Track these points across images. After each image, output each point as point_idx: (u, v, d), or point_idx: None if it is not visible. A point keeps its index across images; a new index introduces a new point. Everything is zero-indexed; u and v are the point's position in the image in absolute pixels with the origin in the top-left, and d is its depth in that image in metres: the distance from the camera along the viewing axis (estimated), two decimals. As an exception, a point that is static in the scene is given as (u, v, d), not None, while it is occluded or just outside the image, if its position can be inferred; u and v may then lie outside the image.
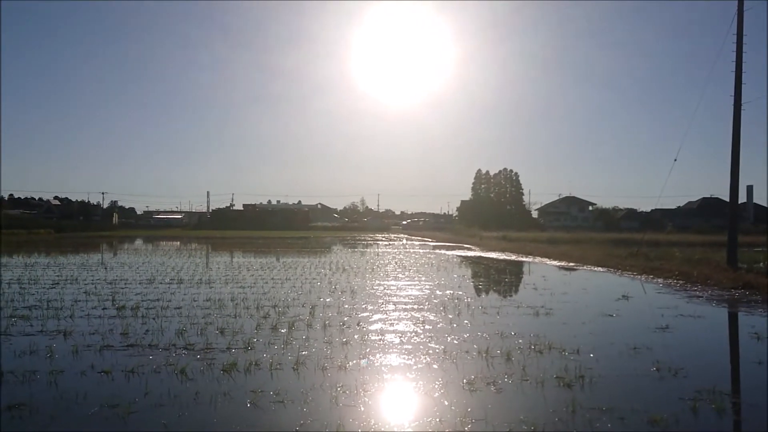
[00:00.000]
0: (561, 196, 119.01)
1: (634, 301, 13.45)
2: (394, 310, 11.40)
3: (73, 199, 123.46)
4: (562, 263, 25.92)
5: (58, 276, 17.53)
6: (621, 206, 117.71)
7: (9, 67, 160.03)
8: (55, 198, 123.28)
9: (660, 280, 18.02)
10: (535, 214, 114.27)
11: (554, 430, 5.07)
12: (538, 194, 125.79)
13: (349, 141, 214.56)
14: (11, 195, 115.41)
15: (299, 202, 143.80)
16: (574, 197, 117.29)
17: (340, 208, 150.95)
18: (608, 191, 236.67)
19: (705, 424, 5.38)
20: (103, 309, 11.16)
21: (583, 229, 74.29)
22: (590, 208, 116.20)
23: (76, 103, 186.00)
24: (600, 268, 22.66)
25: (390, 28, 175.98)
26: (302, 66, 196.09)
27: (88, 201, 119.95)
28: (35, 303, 11.79)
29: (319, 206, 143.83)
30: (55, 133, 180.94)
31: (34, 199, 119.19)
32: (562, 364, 7.19)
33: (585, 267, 23.65)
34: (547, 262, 26.56)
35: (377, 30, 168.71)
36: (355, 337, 8.77)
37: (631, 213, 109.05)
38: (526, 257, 30.07)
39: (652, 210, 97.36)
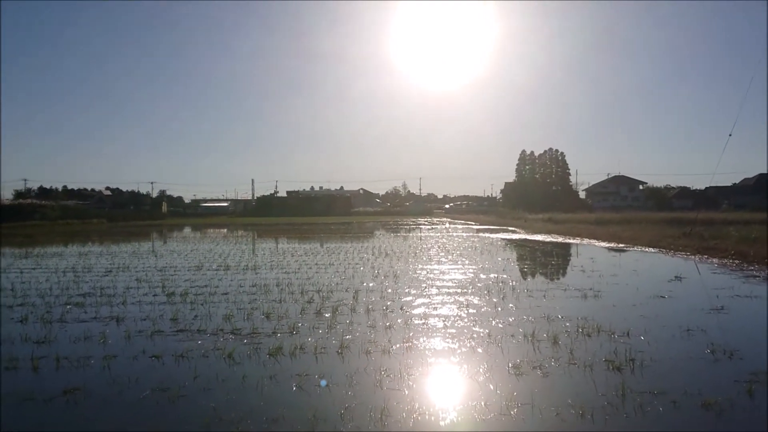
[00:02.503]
0: (610, 176, 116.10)
1: (687, 282, 13.01)
2: (437, 294, 11.34)
3: (124, 189, 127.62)
4: (612, 244, 25.29)
5: (110, 264, 18.14)
6: (673, 184, 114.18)
7: (59, 64, 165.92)
8: (107, 188, 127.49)
9: (715, 260, 17.38)
10: (582, 195, 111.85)
11: (603, 414, 4.95)
12: (585, 174, 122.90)
13: (390, 125, 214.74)
14: (65, 186, 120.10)
15: (341, 188, 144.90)
16: (623, 176, 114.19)
17: (381, 193, 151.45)
18: (659, 169, 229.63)
19: (761, 407, 5.15)
20: (154, 295, 11.47)
21: (634, 209, 72.27)
22: (640, 187, 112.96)
23: (121, 95, 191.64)
24: (651, 249, 22.02)
25: (429, 8, 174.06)
26: (340, 50, 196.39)
27: (138, 191, 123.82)
28: (89, 290, 12.21)
29: (361, 192, 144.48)
30: (104, 126, 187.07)
31: (87, 190, 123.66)
32: (612, 348, 7.01)
33: (635, 248, 23.01)
34: (596, 244, 25.97)
35: (416, 11, 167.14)
36: (399, 321, 8.76)
37: (683, 191, 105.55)
38: (574, 239, 29.47)
39: (706, 188, 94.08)
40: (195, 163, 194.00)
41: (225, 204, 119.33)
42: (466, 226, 51.45)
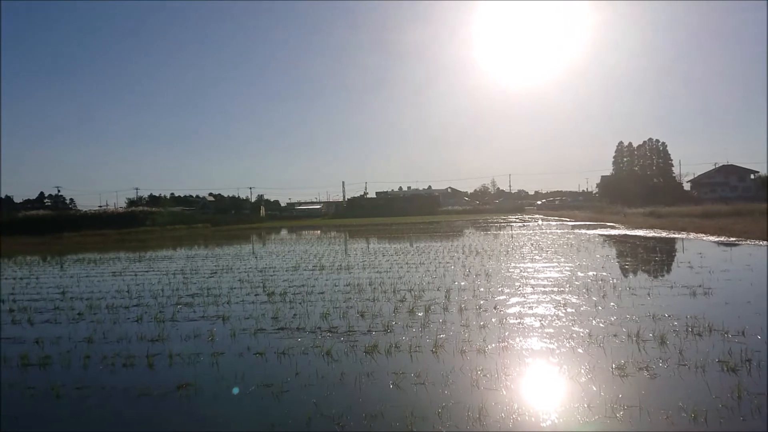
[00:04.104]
0: (717, 165, 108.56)
1: (811, 278, 11.92)
2: (532, 293, 11.08)
3: (226, 195, 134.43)
4: (721, 238, 23.63)
5: (215, 266, 19.15)
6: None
7: (156, 73, 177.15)
8: (210, 194, 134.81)
9: (843, 254, 15.79)
10: (687, 187, 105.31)
11: (718, 417, 4.65)
12: (689, 165, 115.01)
13: (478, 123, 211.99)
14: (172, 193, 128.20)
15: (429, 187, 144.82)
16: (732, 165, 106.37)
17: (470, 191, 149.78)
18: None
19: None
20: (256, 295, 11.99)
21: (744, 200, 67.09)
22: (752, 176, 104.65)
23: (216, 102, 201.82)
24: (766, 243, 20.35)
25: (514, 7, 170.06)
26: (424, 46, 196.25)
27: (238, 196, 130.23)
28: (197, 291, 12.96)
29: (449, 190, 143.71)
30: (205, 133, 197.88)
31: (192, 196, 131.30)
32: (725, 348, 6.56)
33: (748, 242, 21.37)
34: (704, 238, 24.36)
35: (500, 9, 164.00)
36: (493, 320, 8.64)
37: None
38: (679, 233, 27.81)
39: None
40: (289, 167, 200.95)
41: (318, 206, 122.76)
42: (560, 222, 49.86)
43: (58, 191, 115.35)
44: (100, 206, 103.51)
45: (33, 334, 8.91)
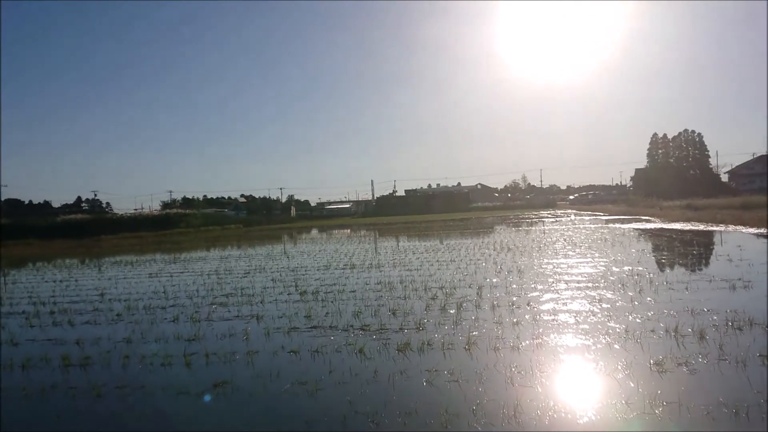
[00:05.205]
0: (755, 156, 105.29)
1: None
2: (566, 289, 10.94)
3: (257, 196, 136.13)
4: (761, 230, 22.95)
5: (248, 266, 19.39)
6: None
7: (199, 80, 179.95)
8: (242, 196, 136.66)
9: None
10: (724, 178, 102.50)
11: (760, 412, 4.53)
12: (727, 155, 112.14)
13: (508, 118, 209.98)
14: (205, 196, 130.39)
15: (458, 184, 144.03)
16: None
17: (500, 187, 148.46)
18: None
19: None
20: (288, 294, 12.11)
21: (785, 191, 64.96)
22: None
23: (245, 108, 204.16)
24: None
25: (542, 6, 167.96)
26: (447, 40, 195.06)
27: (269, 197, 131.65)
28: (231, 291, 13.14)
29: (478, 186, 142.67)
30: (236, 137, 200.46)
31: (224, 198, 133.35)
32: (767, 341, 6.38)
33: (790, 233, 20.70)
34: (743, 230, 23.70)
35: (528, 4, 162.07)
36: (526, 317, 8.56)
37: None
38: (717, 226, 27.11)
39: None
40: (318, 167, 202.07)
41: (347, 205, 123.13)
42: (594, 216, 49.06)
43: (95, 195, 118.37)
44: (136, 209, 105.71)
45: (73, 335, 9.16)
